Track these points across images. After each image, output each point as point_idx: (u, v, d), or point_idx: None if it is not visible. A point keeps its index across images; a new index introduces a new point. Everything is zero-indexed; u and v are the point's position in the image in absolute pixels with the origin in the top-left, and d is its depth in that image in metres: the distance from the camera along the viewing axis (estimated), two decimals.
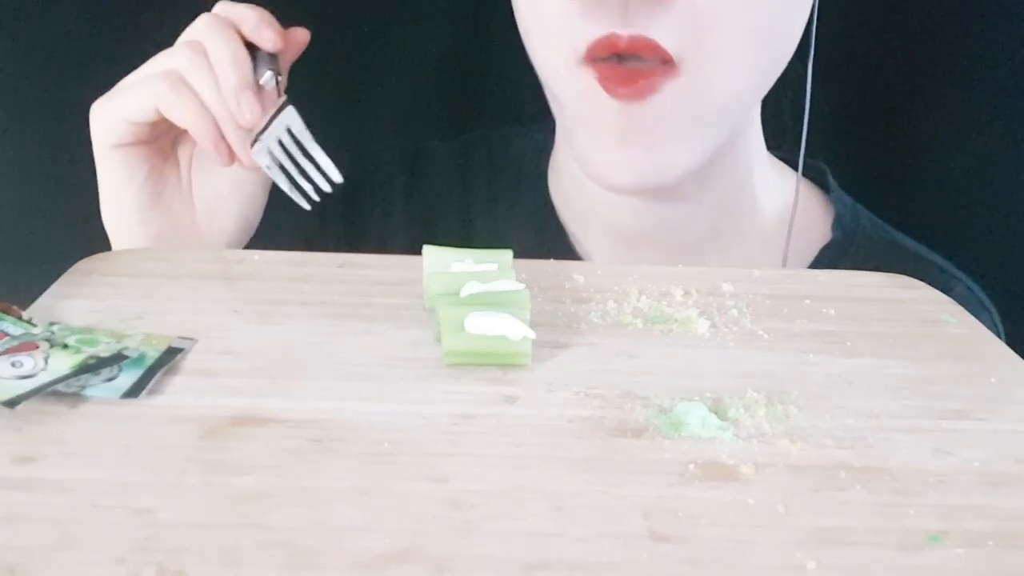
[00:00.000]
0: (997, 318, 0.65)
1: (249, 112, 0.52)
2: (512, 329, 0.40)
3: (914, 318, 0.47)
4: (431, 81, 0.84)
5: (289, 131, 0.54)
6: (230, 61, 0.52)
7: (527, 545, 0.29)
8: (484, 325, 0.40)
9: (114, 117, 0.54)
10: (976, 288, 0.65)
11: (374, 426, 0.35)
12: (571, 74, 0.53)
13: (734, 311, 0.46)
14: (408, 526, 0.30)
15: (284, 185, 0.54)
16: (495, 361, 0.40)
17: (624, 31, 0.50)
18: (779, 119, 0.63)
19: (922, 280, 0.51)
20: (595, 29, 0.51)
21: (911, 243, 0.67)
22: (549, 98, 0.58)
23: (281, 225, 0.62)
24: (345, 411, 0.36)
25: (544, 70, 0.56)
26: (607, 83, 0.52)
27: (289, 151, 0.54)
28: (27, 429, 0.34)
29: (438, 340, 0.41)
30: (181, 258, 0.49)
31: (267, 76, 0.54)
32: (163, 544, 0.29)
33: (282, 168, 0.54)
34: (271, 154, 0.54)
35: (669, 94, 0.52)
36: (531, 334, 0.40)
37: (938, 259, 0.66)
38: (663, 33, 0.50)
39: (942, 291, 0.50)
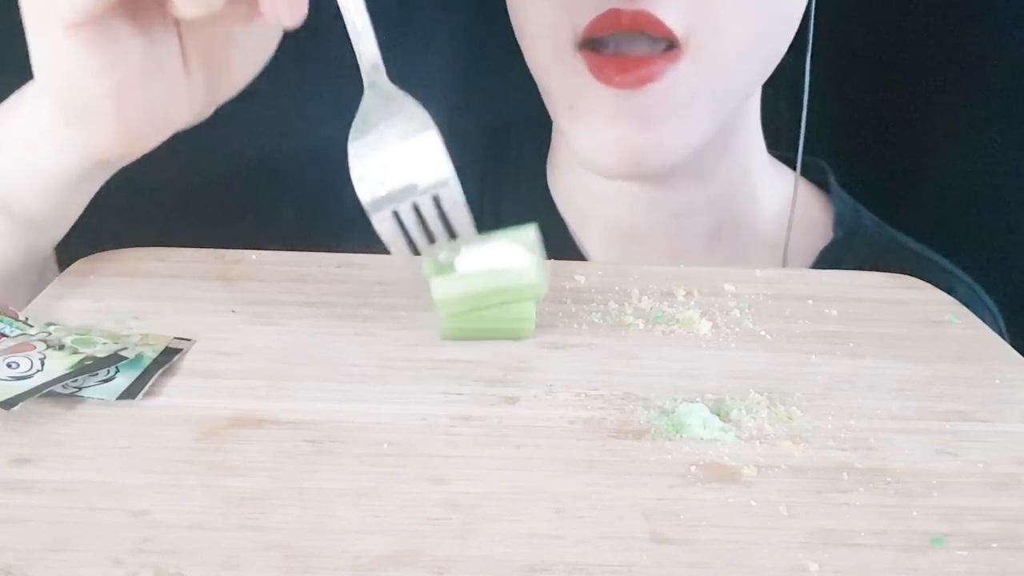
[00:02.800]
0: (1000, 318, 0.65)
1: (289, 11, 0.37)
2: (515, 258, 0.36)
3: (917, 319, 0.47)
4: (434, 81, 0.84)
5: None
6: None
7: (527, 547, 0.29)
8: (479, 260, 0.36)
9: None
10: (978, 288, 0.65)
11: (373, 427, 0.35)
12: (562, 62, 0.52)
13: (736, 312, 0.46)
14: (407, 528, 0.30)
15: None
16: (501, 301, 0.37)
17: (627, 6, 0.49)
18: (777, 118, 0.63)
19: (924, 280, 0.51)
20: (595, 6, 0.50)
21: (913, 243, 0.67)
22: (539, 87, 0.57)
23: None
24: (344, 412, 0.36)
25: (535, 58, 0.56)
26: (600, 72, 0.51)
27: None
28: (24, 430, 0.34)
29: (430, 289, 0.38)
30: (179, 258, 0.49)
31: None
32: (161, 546, 0.28)
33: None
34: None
35: (669, 80, 0.51)
36: (541, 262, 0.35)
37: (940, 259, 0.65)
38: (668, 11, 0.49)
39: (944, 291, 0.50)
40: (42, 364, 0.37)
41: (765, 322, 0.45)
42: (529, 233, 0.41)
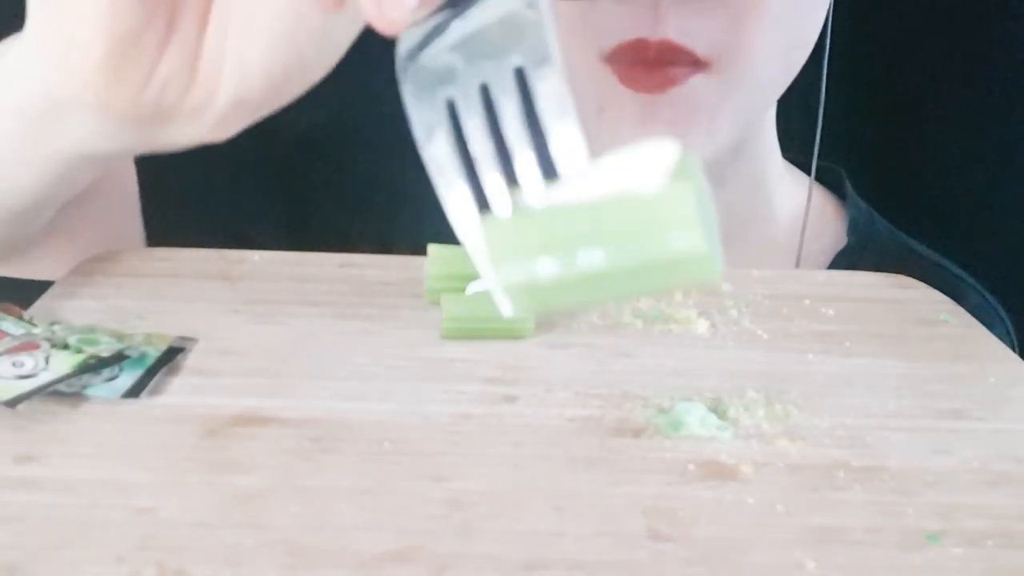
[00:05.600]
0: (1011, 327, 0.64)
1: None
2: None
3: (913, 318, 0.47)
4: None
5: None
6: None
7: (527, 544, 0.29)
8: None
9: None
10: (991, 297, 0.64)
11: (374, 426, 0.35)
12: (590, 69, 0.53)
13: (733, 311, 0.46)
14: (408, 525, 0.30)
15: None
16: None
17: (653, 36, 0.49)
18: (791, 123, 0.63)
19: (936, 287, 0.51)
20: (621, 32, 0.50)
21: (925, 249, 0.67)
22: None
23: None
24: (345, 411, 0.36)
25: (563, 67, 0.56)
26: (628, 78, 0.51)
27: None
28: (28, 429, 0.34)
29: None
30: (182, 258, 0.49)
31: None
32: (164, 543, 0.29)
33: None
34: None
35: (695, 89, 0.52)
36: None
37: (952, 266, 0.65)
38: (696, 37, 0.49)
39: (956, 299, 0.50)
40: (46, 363, 0.37)
41: (762, 321, 0.45)
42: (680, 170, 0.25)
